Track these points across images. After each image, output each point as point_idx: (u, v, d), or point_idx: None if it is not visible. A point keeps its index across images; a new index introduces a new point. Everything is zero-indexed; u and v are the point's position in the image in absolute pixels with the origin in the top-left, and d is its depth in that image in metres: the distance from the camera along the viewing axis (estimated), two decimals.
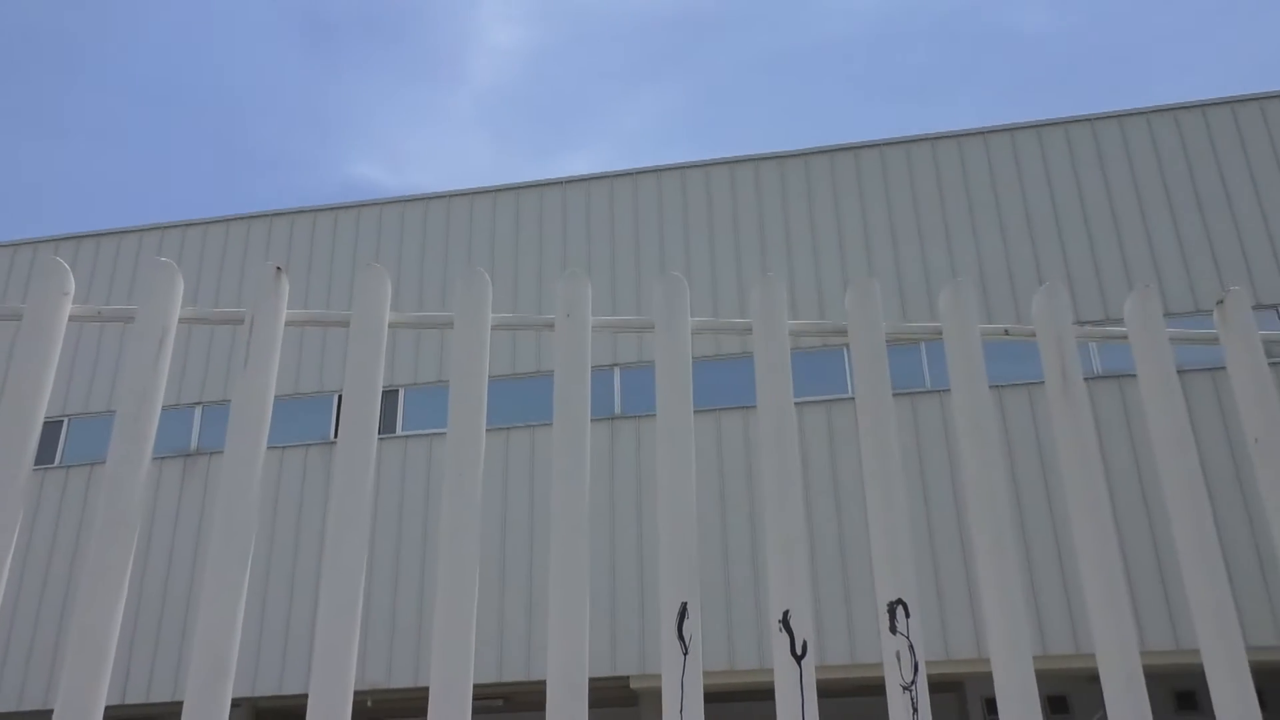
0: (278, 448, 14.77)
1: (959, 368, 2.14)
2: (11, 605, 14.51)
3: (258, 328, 2.04)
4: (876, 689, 11.49)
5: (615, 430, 14.26)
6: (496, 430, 14.27)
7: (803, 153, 15.93)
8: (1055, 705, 14.20)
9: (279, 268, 2.11)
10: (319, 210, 16.69)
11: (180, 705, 1.77)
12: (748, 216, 15.57)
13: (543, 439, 14.30)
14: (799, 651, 1.84)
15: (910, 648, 1.85)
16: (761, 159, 15.99)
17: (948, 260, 14.83)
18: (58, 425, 15.67)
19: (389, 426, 14.91)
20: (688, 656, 1.82)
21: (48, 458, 15.43)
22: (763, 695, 12.71)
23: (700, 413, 13.83)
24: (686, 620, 1.85)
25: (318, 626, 1.82)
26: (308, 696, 1.78)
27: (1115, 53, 49.86)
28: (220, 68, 48.65)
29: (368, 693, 13.50)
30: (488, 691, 13.53)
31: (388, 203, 16.59)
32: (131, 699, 13.77)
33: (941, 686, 14.52)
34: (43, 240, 17.14)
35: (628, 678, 13.15)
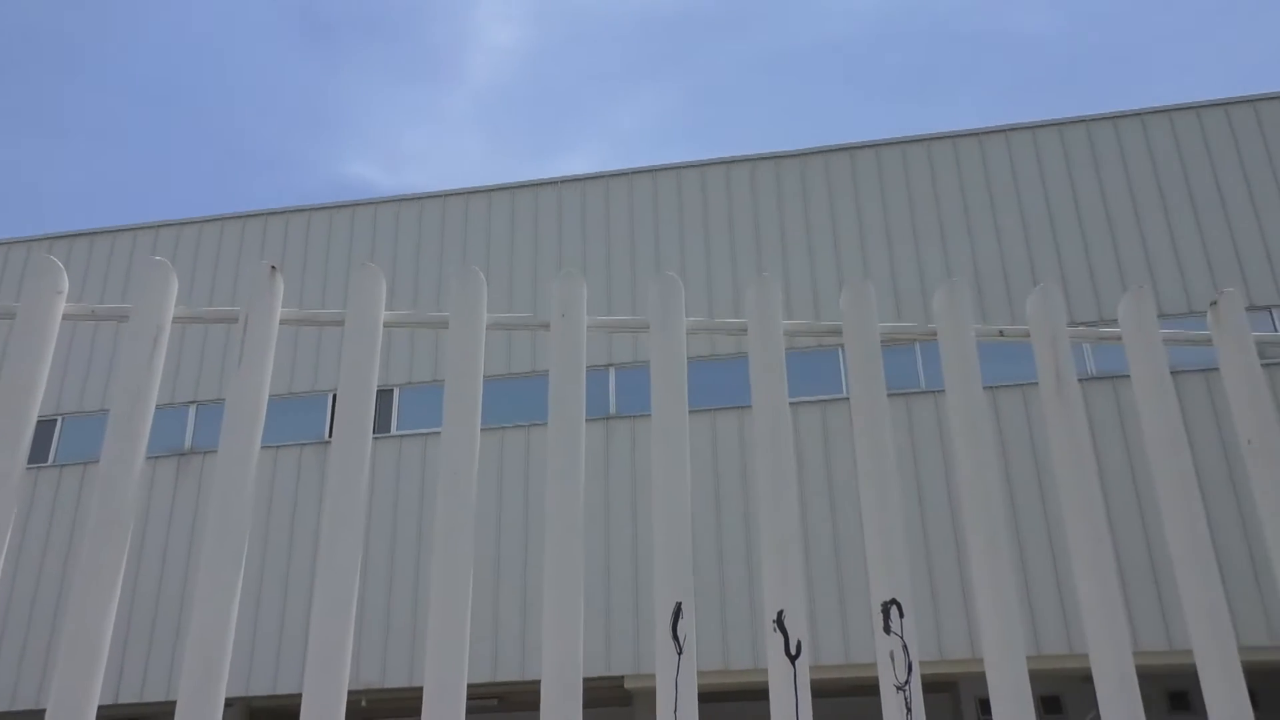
0: (272, 447, 14.75)
1: (954, 368, 2.15)
2: (4, 605, 14.47)
3: (252, 327, 2.04)
4: (870, 689, 11.49)
5: (610, 430, 14.26)
6: (491, 430, 14.27)
7: (799, 153, 15.94)
8: (1049, 705, 14.23)
9: (274, 267, 2.11)
10: (314, 209, 16.67)
11: (174, 705, 1.77)
12: (743, 217, 15.58)
13: (538, 439, 14.30)
14: (793, 651, 1.84)
15: (904, 648, 1.86)
16: (757, 159, 16.00)
17: (943, 261, 14.85)
18: (51, 424, 15.64)
19: (384, 426, 14.89)
20: (682, 656, 1.82)
21: (41, 456, 15.40)
22: (757, 695, 12.71)
23: (695, 413, 13.83)
24: (681, 620, 1.85)
25: (312, 626, 1.82)
26: (302, 696, 1.78)
27: (1112, 54, 49.98)
28: (216, 66, 48.57)
29: (362, 692, 13.48)
30: (482, 691, 13.52)
31: (383, 202, 16.57)
32: (125, 699, 13.74)
33: (935, 686, 14.54)
34: (37, 238, 17.10)
35: (622, 678, 13.15)
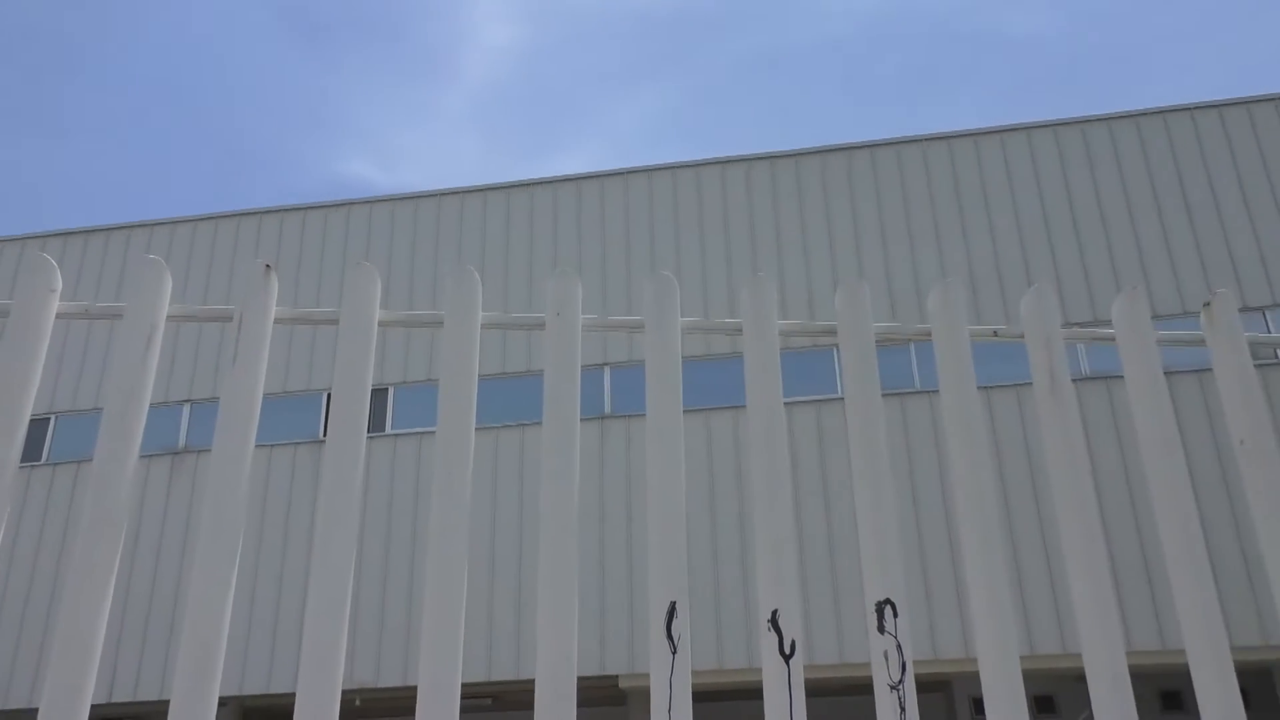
0: (266, 446, 14.72)
1: (948, 368, 2.15)
2: None
3: (246, 325, 2.04)
4: (864, 688, 11.51)
5: (605, 430, 14.25)
6: (486, 429, 14.26)
7: (794, 153, 15.95)
8: (1042, 705, 14.26)
9: (268, 265, 2.11)
10: (309, 208, 16.64)
11: (167, 704, 1.76)
12: (738, 217, 15.58)
13: (532, 438, 14.29)
14: (787, 651, 1.84)
15: (898, 647, 1.86)
16: (753, 159, 16.01)
17: (937, 261, 14.87)
18: (44, 422, 15.60)
19: (378, 425, 14.87)
20: (676, 656, 1.82)
21: (34, 455, 15.36)
22: (751, 695, 12.72)
23: (690, 412, 13.83)
24: (675, 620, 1.85)
25: (306, 625, 1.82)
26: (295, 695, 1.78)
27: (1110, 55, 50.08)
28: (213, 65, 48.48)
29: (356, 691, 13.46)
30: (476, 690, 13.52)
31: (378, 201, 16.55)
32: (118, 697, 13.71)
33: (929, 686, 14.57)
34: (30, 236, 17.05)
35: (616, 677, 13.15)
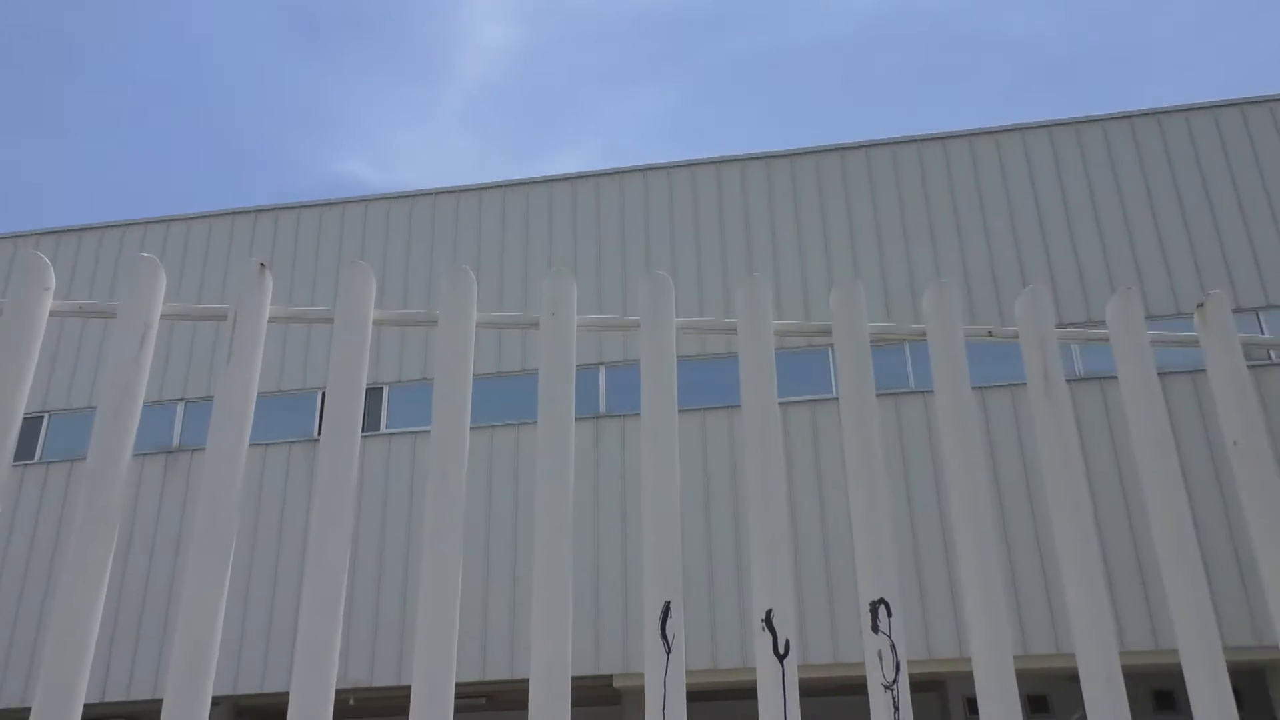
0: (260, 445, 14.70)
1: (942, 368, 2.15)
2: None
3: (241, 324, 2.03)
4: (859, 688, 11.51)
5: (600, 429, 14.25)
6: (481, 429, 14.24)
7: (789, 153, 15.95)
8: (1035, 704, 14.28)
9: (262, 264, 2.10)
10: (304, 207, 16.61)
11: (160, 703, 1.76)
12: (734, 216, 15.59)
13: (527, 438, 14.28)
14: (782, 650, 1.84)
15: (892, 647, 1.86)
16: (748, 159, 16.01)
17: (932, 261, 14.88)
18: (38, 421, 15.55)
19: (373, 424, 14.86)
20: (671, 655, 1.82)
21: (28, 453, 15.31)
22: (745, 694, 12.73)
23: (685, 412, 13.83)
24: (670, 619, 1.85)
25: (300, 624, 1.82)
26: (289, 694, 1.78)
27: (1108, 56, 50.17)
28: (209, 65, 48.38)
29: (350, 691, 13.45)
30: (470, 690, 13.50)
31: (373, 200, 16.52)
32: (111, 697, 13.68)
33: (923, 686, 14.58)
34: (24, 234, 17.00)
35: (611, 677, 13.15)
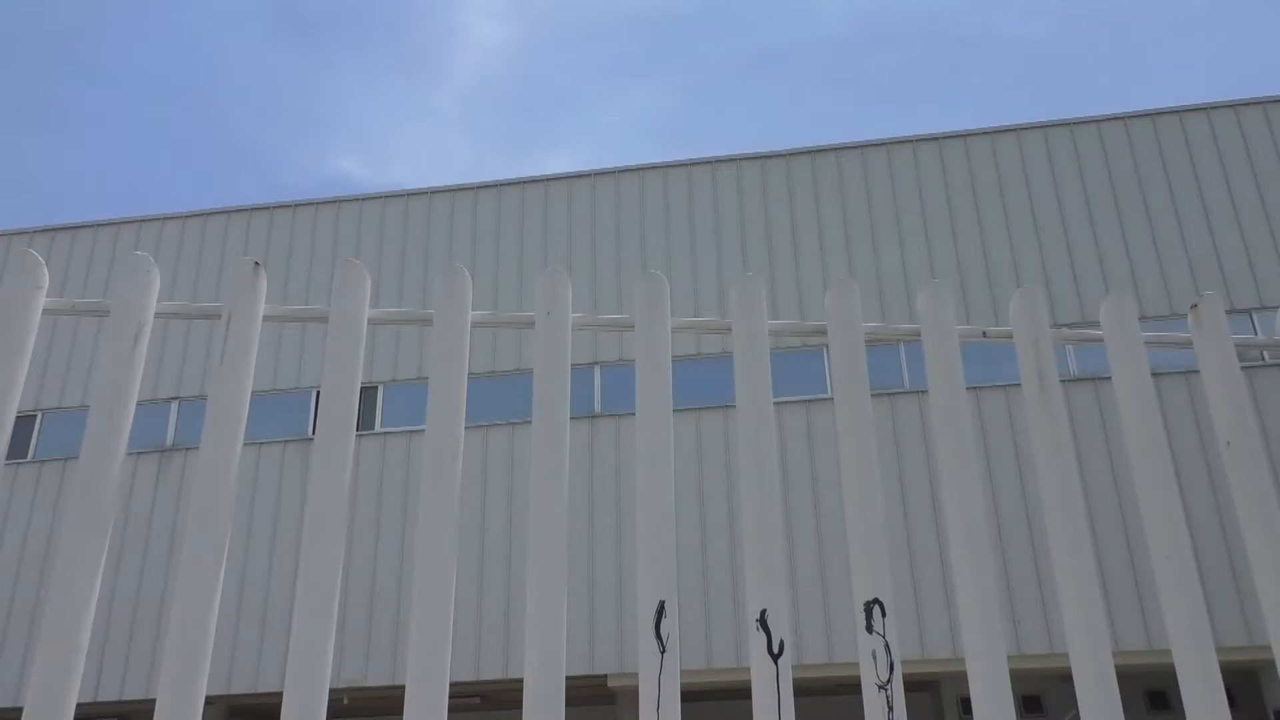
0: (255, 444, 14.67)
1: (937, 369, 2.16)
2: None
3: (235, 323, 2.03)
4: (853, 688, 11.54)
5: (595, 429, 14.25)
6: (476, 428, 14.24)
7: (785, 153, 15.96)
8: (1029, 704, 14.31)
9: (257, 263, 2.10)
10: (299, 205, 16.58)
11: (154, 703, 1.75)
12: (729, 216, 15.60)
13: (522, 437, 14.28)
14: (776, 650, 1.84)
15: (886, 647, 1.86)
16: (744, 159, 16.02)
17: (927, 262, 14.90)
18: (31, 420, 15.51)
19: (368, 423, 14.84)
20: (665, 655, 1.82)
21: (21, 452, 15.27)
22: (740, 694, 12.75)
23: (680, 412, 13.84)
24: (664, 619, 1.85)
25: (294, 624, 1.81)
26: (283, 694, 1.77)
27: (1100, 58, 50.26)
28: (203, 62, 48.28)
29: (344, 690, 13.43)
30: (464, 689, 13.50)
31: (368, 198, 16.50)
32: (104, 696, 13.65)
33: (917, 685, 14.61)
34: (17, 232, 16.95)
35: (605, 676, 13.15)
